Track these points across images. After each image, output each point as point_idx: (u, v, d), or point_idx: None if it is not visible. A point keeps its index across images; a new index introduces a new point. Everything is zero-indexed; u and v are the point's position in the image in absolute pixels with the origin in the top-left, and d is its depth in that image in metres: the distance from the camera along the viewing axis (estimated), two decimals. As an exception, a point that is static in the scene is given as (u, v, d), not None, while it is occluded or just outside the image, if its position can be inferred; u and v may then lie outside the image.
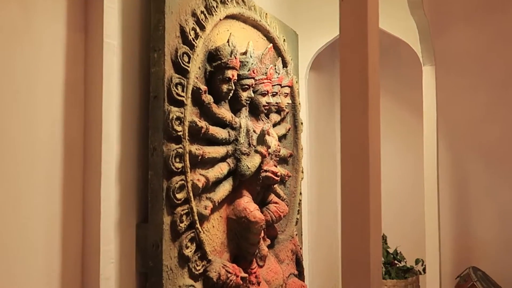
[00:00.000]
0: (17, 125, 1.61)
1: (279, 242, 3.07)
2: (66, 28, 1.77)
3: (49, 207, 1.71)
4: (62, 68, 1.76)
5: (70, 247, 1.79)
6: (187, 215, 2.16)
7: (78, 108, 1.82)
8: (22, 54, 1.62)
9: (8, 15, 1.56)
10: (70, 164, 1.78)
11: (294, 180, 3.35)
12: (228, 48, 2.38)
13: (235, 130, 2.53)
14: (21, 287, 1.61)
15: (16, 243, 1.60)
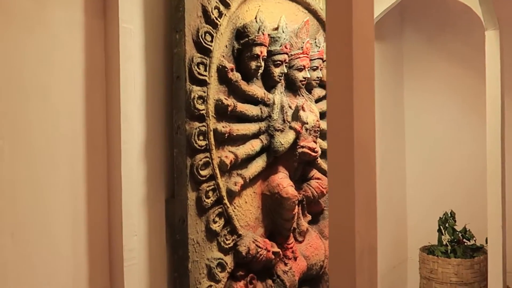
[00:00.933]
0: (40, 108, 1.76)
1: (325, 218, 3.05)
2: (84, 15, 1.87)
3: (74, 185, 1.85)
4: (82, 53, 1.88)
5: (96, 222, 1.93)
6: (213, 191, 2.22)
7: (99, 91, 1.93)
8: (40, 42, 1.75)
9: (24, 5, 1.69)
10: (93, 144, 1.91)
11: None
12: (256, 24, 2.37)
13: (268, 107, 2.53)
14: (53, 257, 1.78)
15: (45, 217, 1.76)
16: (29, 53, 1.72)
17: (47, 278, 1.77)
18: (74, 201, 1.85)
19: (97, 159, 1.93)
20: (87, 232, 1.90)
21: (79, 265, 1.88)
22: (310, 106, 2.77)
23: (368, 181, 1.44)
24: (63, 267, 1.82)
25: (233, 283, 2.31)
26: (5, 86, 1.66)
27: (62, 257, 1.82)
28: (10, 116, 1.67)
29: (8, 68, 1.67)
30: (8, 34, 1.66)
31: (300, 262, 2.63)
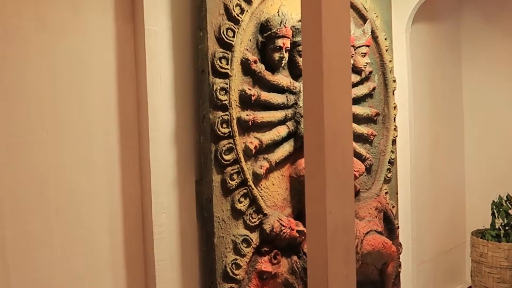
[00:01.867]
0: (78, 103, 2.07)
1: (360, 200, 3.16)
2: (115, 21, 2.15)
3: (109, 168, 2.16)
4: (114, 54, 2.16)
5: (131, 201, 2.23)
6: (237, 174, 2.44)
7: (131, 86, 2.21)
8: (77, 45, 2.05)
9: (61, 15, 1.99)
10: (125, 133, 2.20)
11: (385, 138, 3.35)
12: (278, 18, 2.53)
13: (295, 95, 2.69)
14: (92, 229, 2.11)
15: (84, 196, 2.08)
16: (68, 55, 2.03)
17: (87, 247, 2.09)
18: (110, 182, 2.16)
19: (130, 146, 2.22)
20: (123, 209, 2.21)
21: (116, 237, 2.19)
22: (340, 93, 2.88)
23: (341, 164, 1.57)
24: (101, 238, 2.14)
25: (258, 258, 2.53)
26: (49, 85, 1.98)
27: (100, 230, 2.14)
28: (52, 111, 1.99)
29: (50, 70, 1.98)
30: (48, 41, 1.97)
31: (328, 241, 2.78)
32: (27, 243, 1.93)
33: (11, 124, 1.89)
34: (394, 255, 3.22)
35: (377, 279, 3.25)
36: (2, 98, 1.87)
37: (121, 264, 2.21)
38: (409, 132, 3.70)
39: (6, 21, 1.86)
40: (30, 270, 1.94)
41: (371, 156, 3.23)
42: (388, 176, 3.37)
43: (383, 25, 3.34)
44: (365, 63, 3.08)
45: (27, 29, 1.92)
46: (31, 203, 1.94)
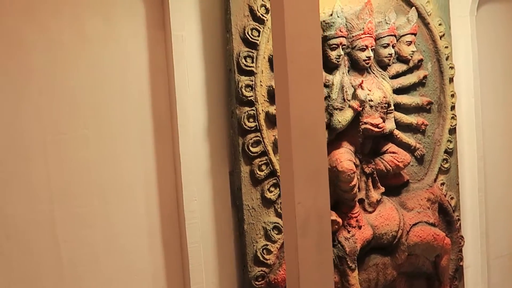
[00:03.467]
0: (116, 103, 2.38)
1: (409, 190, 3.11)
2: (146, 28, 2.42)
3: (146, 161, 2.45)
4: (147, 58, 2.44)
5: (166, 190, 2.50)
6: (266, 165, 2.59)
7: (163, 87, 2.47)
8: (113, 52, 2.36)
9: (97, 27, 2.31)
10: (159, 128, 2.47)
11: (440, 128, 3.25)
12: (305, 14, 2.61)
13: (328, 88, 2.75)
14: (132, 215, 2.42)
15: (124, 186, 2.40)
16: (106, 63, 2.35)
17: (127, 229, 2.41)
18: (146, 173, 2.46)
19: (164, 140, 2.49)
20: (159, 196, 2.49)
21: (153, 221, 2.48)
22: (379, 83, 2.88)
23: (311, 157, 1.66)
24: (139, 222, 2.44)
25: (289, 244, 2.66)
26: (90, 89, 2.32)
27: (138, 214, 2.44)
28: (93, 111, 2.33)
29: (91, 76, 2.32)
30: (88, 51, 2.31)
31: (365, 231, 2.81)
32: (73, 224, 2.29)
33: (59, 123, 2.26)
34: (447, 248, 3.12)
35: (431, 271, 3.18)
36: (51, 101, 2.24)
37: (158, 245, 2.50)
38: (475, 121, 3.51)
39: (50, 37, 2.22)
40: (77, 247, 2.31)
41: (422, 146, 3.15)
42: (445, 167, 3.25)
43: (437, 10, 3.21)
44: (411, 51, 3.02)
45: (70, 43, 2.26)
46: (76, 190, 2.30)
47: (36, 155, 2.22)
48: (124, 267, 2.41)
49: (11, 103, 2.16)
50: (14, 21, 2.16)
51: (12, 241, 2.18)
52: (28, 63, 2.19)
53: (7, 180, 2.17)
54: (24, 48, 2.18)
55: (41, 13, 2.21)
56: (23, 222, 2.20)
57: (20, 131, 2.19)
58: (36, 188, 2.22)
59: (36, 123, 2.22)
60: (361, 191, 2.88)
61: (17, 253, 2.20)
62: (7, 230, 2.17)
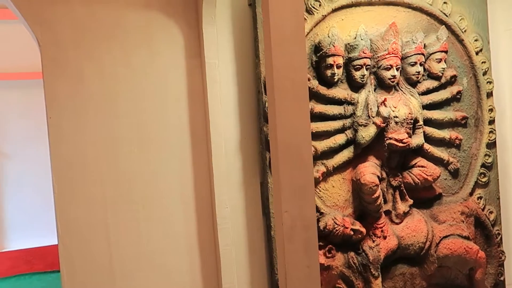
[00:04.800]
0: (159, 123, 2.77)
1: (441, 203, 3.18)
2: (185, 58, 2.79)
3: (183, 173, 2.81)
4: (186, 84, 2.80)
5: (202, 199, 2.84)
6: (292, 177, 2.83)
7: (200, 108, 2.82)
8: (156, 80, 2.75)
9: (141, 60, 2.72)
10: (196, 145, 2.82)
11: (478, 142, 3.28)
12: (328, 39, 2.84)
13: (353, 105, 2.94)
14: (171, 220, 2.79)
15: (164, 194, 2.78)
16: (150, 89, 2.75)
17: (167, 232, 2.78)
18: (183, 184, 2.81)
19: (200, 155, 2.83)
20: (195, 204, 2.84)
21: (191, 228, 2.83)
22: (406, 100, 3.00)
23: (298, 170, 1.90)
24: (178, 227, 2.80)
25: (314, 251, 2.87)
26: (136, 113, 2.72)
27: (178, 220, 2.80)
28: (139, 131, 2.73)
29: (137, 101, 2.72)
30: (135, 80, 2.71)
31: (390, 241, 2.95)
32: (121, 226, 2.70)
33: (110, 141, 2.69)
34: (481, 261, 3.14)
35: (465, 284, 3.22)
36: (105, 123, 2.68)
37: (195, 246, 2.85)
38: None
39: (104, 70, 2.66)
40: (124, 246, 2.71)
41: (456, 160, 3.21)
42: (483, 181, 3.27)
43: (473, 26, 3.26)
44: (441, 68, 3.10)
45: (119, 73, 2.69)
46: (125, 198, 2.71)
47: (92, 168, 2.66)
48: (164, 265, 2.78)
49: (73, 124, 2.63)
50: (75, 57, 2.63)
51: (72, 236, 2.63)
52: (86, 92, 2.65)
53: (70, 187, 2.63)
54: (83, 79, 2.63)
55: (96, 49, 2.66)
56: (82, 221, 2.65)
57: (80, 147, 2.65)
58: (91, 195, 2.66)
59: (92, 141, 2.67)
60: (388, 203, 3.02)
61: (77, 249, 2.65)
62: (69, 226, 2.62)
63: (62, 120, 2.61)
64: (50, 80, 2.59)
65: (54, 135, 2.60)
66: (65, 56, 2.62)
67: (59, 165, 2.61)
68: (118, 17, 2.71)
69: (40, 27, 2.57)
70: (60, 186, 2.61)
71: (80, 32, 2.65)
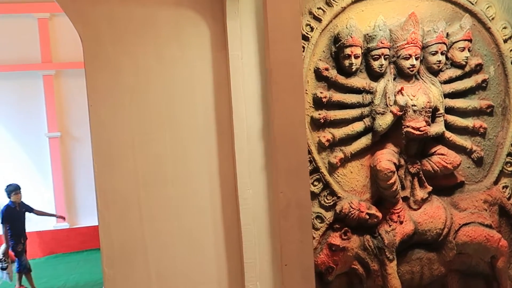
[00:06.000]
0: (189, 111, 3.02)
1: (463, 191, 3.22)
2: (212, 52, 3.02)
3: (209, 157, 3.04)
4: (212, 74, 3.03)
5: (226, 180, 3.06)
6: (310, 162, 2.99)
7: (225, 96, 3.04)
8: (185, 73, 3.00)
9: (171, 53, 2.97)
10: (221, 131, 3.04)
11: (504, 131, 3.28)
12: (346, 30, 2.95)
13: (372, 94, 3.04)
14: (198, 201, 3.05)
15: (193, 179, 3.04)
16: (179, 80, 3.00)
17: (194, 209, 3.05)
18: (210, 165, 3.05)
19: (225, 140, 3.05)
20: (220, 184, 3.07)
21: (216, 207, 3.07)
22: (426, 89, 3.06)
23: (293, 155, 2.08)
24: (204, 206, 3.06)
25: (330, 232, 3.03)
26: (166, 102, 2.99)
27: (204, 199, 3.05)
28: (169, 118, 2.99)
29: (167, 91, 2.99)
30: (165, 72, 2.98)
31: (406, 226, 3.04)
32: (153, 203, 3.00)
33: (143, 127, 2.98)
34: (503, 250, 3.14)
35: (488, 272, 3.24)
36: (138, 111, 2.97)
37: (219, 224, 3.09)
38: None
39: (137, 62, 2.95)
40: (155, 222, 3.01)
41: (480, 148, 3.22)
42: (509, 170, 3.27)
43: (502, 14, 3.24)
44: (464, 57, 3.12)
45: (150, 65, 2.97)
46: (155, 178, 3.00)
47: (127, 150, 2.97)
48: (191, 239, 3.06)
49: (109, 112, 2.94)
50: (113, 52, 2.93)
51: (110, 211, 2.96)
52: (123, 82, 2.94)
53: (108, 167, 2.96)
54: (118, 70, 2.93)
55: (132, 44, 2.95)
56: (118, 197, 2.97)
57: (117, 132, 2.96)
58: (126, 174, 2.97)
59: (127, 126, 2.97)
60: (406, 189, 3.11)
61: (114, 221, 2.98)
62: (107, 202, 2.95)
63: (101, 107, 2.93)
64: (91, 72, 2.91)
65: (94, 121, 2.92)
66: (104, 50, 2.93)
67: (99, 147, 2.94)
68: (151, 14, 2.98)
69: (82, 24, 2.89)
70: (99, 166, 2.94)
71: (117, 29, 2.94)
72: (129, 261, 3.00)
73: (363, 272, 3.05)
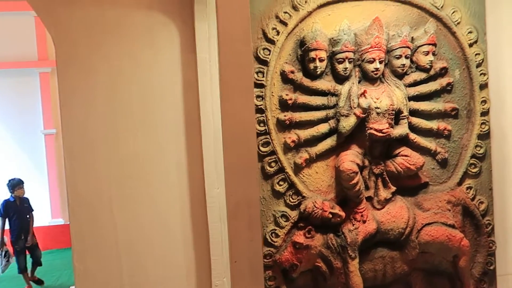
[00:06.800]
0: (160, 110, 3.12)
1: (427, 192, 3.29)
2: (181, 54, 3.11)
3: (178, 156, 3.15)
4: (181, 75, 3.13)
5: (195, 179, 3.17)
6: (275, 163, 3.07)
7: (194, 96, 3.14)
8: (156, 73, 3.10)
9: (143, 53, 3.07)
10: (190, 131, 3.15)
11: (469, 133, 3.35)
12: (311, 34, 3.04)
13: (337, 96, 3.12)
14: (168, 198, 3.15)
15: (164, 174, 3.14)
16: (151, 80, 3.10)
17: (164, 207, 3.15)
18: (179, 164, 3.16)
19: (193, 138, 3.15)
20: (189, 183, 3.17)
21: (185, 204, 3.17)
22: (390, 92, 3.14)
23: (241, 156, 2.17)
24: (173, 203, 3.16)
25: (295, 231, 3.11)
26: (138, 100, 3.10)
27: (173, 196, 3.16)
28: (141, 115, 3.10)
29: (139, 90, 3.10)
30: (138, 72, 3.08)
31: (369, 225, 3.12)
32: (124, 200, 3.11)
33: (117, 125, 3.09)
34: (464, 249, 3.22)
35: (451, 271, 3.32)
36: (112, 110, 3.08)
37: (188, 221, 3.20)
38: None
39: (109, 63, 3.06)
40: (127, 217, 3.12)
41: (444, 150, 3.30)
42: (473, 171, 3.34)
43: (468, 18, 3.31)
44: (428, 61, 3.20)
45: (122, 66, 3.07)
46: (127, 174, 3.10)
47: (98, 148, 3.08)
48: (161, 236, 3.16)
49: (81, 112, 3.05)
50: (85, 52, 3.04)
51: (81, 208, 3.07)
52: (94, 83, 3.05)
53: (79, 165, 3.06)
54: (91, 71, 3.04)
55: (103, 45, 3.05)
56: (89, 194, 3.08)
57: (88, 130, 3.07)
58: (97, 172, 3.08)
59: (101, 124, 3.08)
60: (370, 189, 3.19)
61: (85, 217, 3.08)
62: (78, 199, 3.06)
63: (73, 108, 3.04)
64: (63, 73, 3.02)
65: (66, 121, 3.04)
66: (76, 52, 3.04)
67: (70, 146, 3.05)
68: (123, 17, 3.09)
69: (55, 27, 3.00)
70: (71, 164, 3.05)
71: (90, 31, 3.05)
72: (99, 256, 3.11)
73: (327, 270, 3.13)
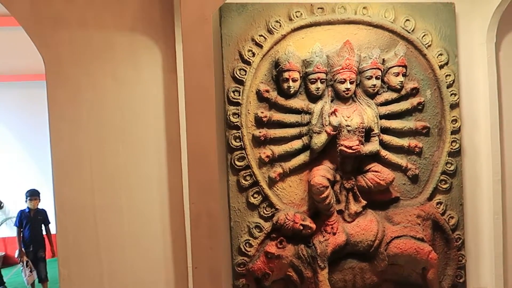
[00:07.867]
0: (141, 125, 3.31)
1: (398, 206, 3.43)
2: (163, 73, 3.31)
3: (159, 168, 3.33)
4: (163, 94, 3.32)
5: (175, 189, 3.35)
6: (250, 176, 3.26)
7: (174, 116, 3.33)
8: (138, 92, 3.29)
9: (126, 72, 3.27)
10: (171, 146, 3.33)
11: (440, 150, 3.49)
12: (285, 56, 3.22)
13: (310, 115, 3.29)
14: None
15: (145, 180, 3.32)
16: (132, 98, 3.29)
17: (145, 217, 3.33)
18: (160, 176, 3.33)
19: (173, 153, 3.33)
20: (169, 197, 3.34)
21: (164, 214, 3.35)
22: (362, 110, 3.30)
23: (203, 171, 2.34)
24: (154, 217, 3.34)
25: (267, 241, 3.28)
26: (120, 117, 3.29)
27: (153, 212, 3.33)
28: (124, 131, 3.29)
29: (122, 107, 3.29)
30: (119, 90, 3.28)
31: (338, 237, 3.26)
32: (107, 210, 3.29)
33: (99, 140, 3.28)
34: (432, 262, 3.34)
35: (420, 283, 3.44)
36: (95, 125, 3.28)
37: (167, 230, 3.36)
38: (491, 145, 3.60)
39: (94, 81, 3.26)
40: (109, 226, 3.30)
41: (415, 167, 3.44)
42: (443, 187, 3.47)
43: (439, 41, 3.46)
44: (399, 81, 3.35)
45: (107, 85, 3.27)
46: (109, 186, 3.29)
47: (84, 161, 3.27)
48: (141, 245, 3.33)
49: (68, 126, 3.25)
50: (72, 71, 3.24)
51: (67, 216, 3.26)
52: (80, 100, 3.25)
53: (66, 177, 3.26)
54: (77, 89, 3.24)
55: (89, 64, 3.26)
56: (75, 204, 3.27)
57: (75, 143, 3.27)
58: (82, 183, 3.27)
59: (85, 139, 3.27)
60: (341, 203, 3.34)
61: (71, 225, 3.28)
62: (65, 208, 3.26)
63: (60, 122, 3.24)
64: (52, 90, 3.22)
65: (54, 134, 3.23)
66: (64, 70, 3.24)
67: (58, 158, 3.24)
68: (109, 38, 3.29)
69: (45, 47, 3.21)
70: (58, 175, 3.24)
71: (77, 51, 3.25)
72: (83, 262, 3.29)
73: (298, 279, 3.28)
